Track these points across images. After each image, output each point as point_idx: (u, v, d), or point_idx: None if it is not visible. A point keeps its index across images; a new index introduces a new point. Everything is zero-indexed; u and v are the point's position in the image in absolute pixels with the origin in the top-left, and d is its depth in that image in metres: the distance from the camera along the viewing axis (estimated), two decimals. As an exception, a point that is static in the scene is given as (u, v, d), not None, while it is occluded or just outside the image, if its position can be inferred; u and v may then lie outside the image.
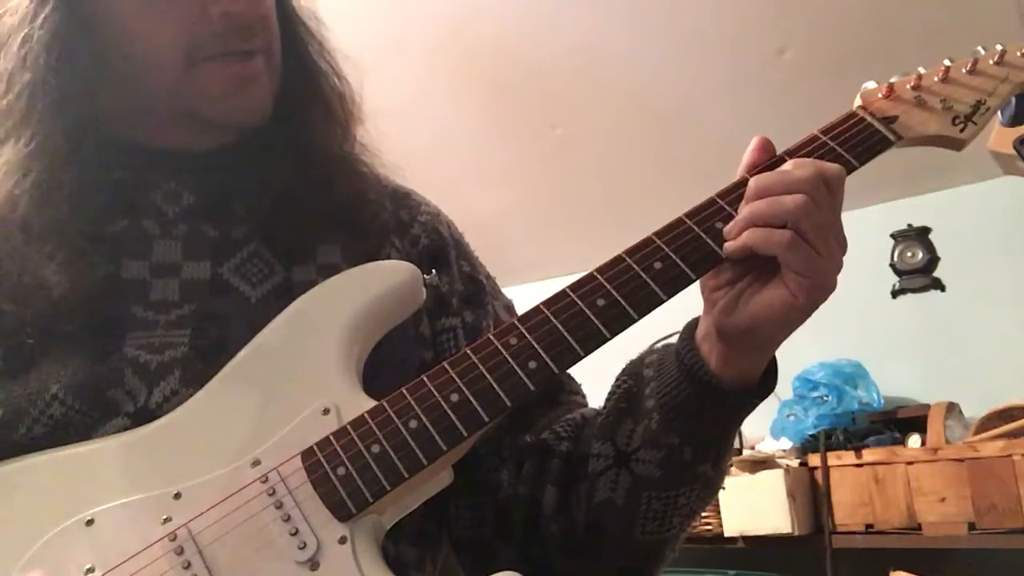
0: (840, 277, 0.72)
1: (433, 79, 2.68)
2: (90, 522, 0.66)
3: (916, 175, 2.74)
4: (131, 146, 0.83)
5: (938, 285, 2.81)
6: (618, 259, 0.72)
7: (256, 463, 0.68)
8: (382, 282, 0.77)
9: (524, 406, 0.86)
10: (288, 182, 0.84)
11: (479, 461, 0.83)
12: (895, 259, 2.85)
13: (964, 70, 0.83)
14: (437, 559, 0.83)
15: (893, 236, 2.85)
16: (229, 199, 0.84)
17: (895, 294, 2.86)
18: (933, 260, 2.81)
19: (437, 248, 0.91)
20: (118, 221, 0.80)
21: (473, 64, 2.70)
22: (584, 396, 0.93)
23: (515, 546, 0.82)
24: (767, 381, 0.76)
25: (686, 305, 0.77)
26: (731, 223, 0.72)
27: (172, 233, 0.81)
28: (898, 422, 2.60)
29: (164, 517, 0.66)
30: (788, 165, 0.72)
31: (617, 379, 0.82)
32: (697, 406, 0.74)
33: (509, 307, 0.96)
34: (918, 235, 2.82)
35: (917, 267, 2.82)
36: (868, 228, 2.77)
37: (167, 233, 0.81)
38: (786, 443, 2.64)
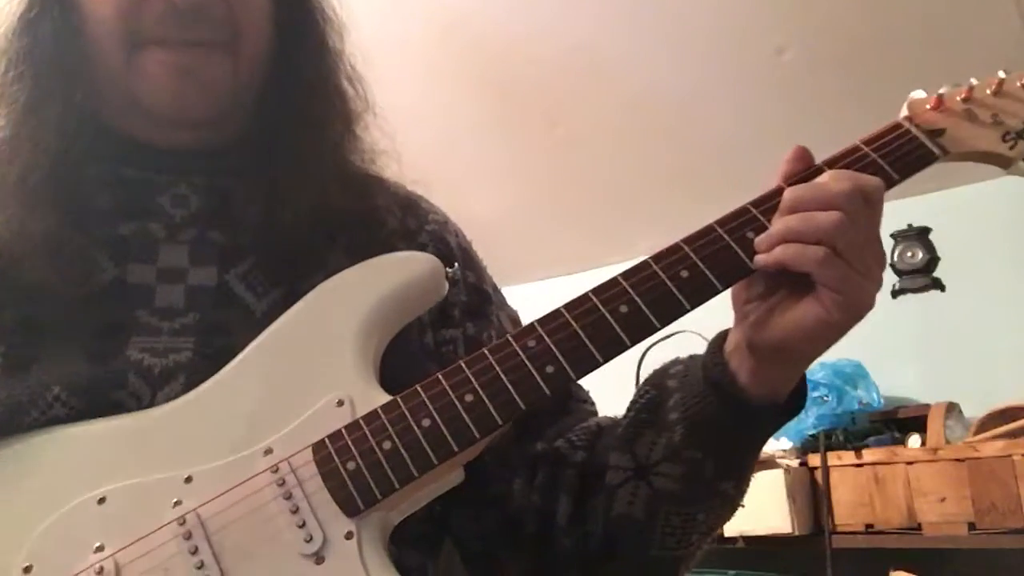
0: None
1: (434, 78, 2.69)
2: (102, 500, 0.66)
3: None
4: (140, 144, 0.82)
5: (938, 285, 2.81)
6: (644, 265, 0.70)
7: (268, 452, 0.68)
8: (403, 273, 0.76)
9: (534, 413, 0.86)
10: (291, 191, 0.81)
11: (488, 475, 0.80)
12: (895, 259, 2.85)
13: (1019, 83, 0.78)
14: (439, 564, 0.83)
15: (893, 236, 2.85)
16: (236, 205, 0.82)
17: (895, 294, 2.86)
18: (933, 260, 2.81)
19: (442, 258, 0.90)
20: (126, 224, 0.79)
21: (474, 63, 2.70)
22: (593, 404, 0.91)
23: (525, 559, 0.81)
24: (795, 400, 0.73)
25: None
26: (763, 235, 0.69)
27: (178, 238, 0.80)
28: (898, 422, 2.60)
29: (175, 500, 0.66)
30: (825, 177, 0.69)
31: (639, 389, 0.79)
32: (723, 420, 0.71)
33: (514, 319, 0.94)
34: (918, 235, 2.82)
35: (917, 267, 2.82)
36: (868, 228, 2.77)
37: (173, 237, 0.80)
38: (786, 443, 2.64)
